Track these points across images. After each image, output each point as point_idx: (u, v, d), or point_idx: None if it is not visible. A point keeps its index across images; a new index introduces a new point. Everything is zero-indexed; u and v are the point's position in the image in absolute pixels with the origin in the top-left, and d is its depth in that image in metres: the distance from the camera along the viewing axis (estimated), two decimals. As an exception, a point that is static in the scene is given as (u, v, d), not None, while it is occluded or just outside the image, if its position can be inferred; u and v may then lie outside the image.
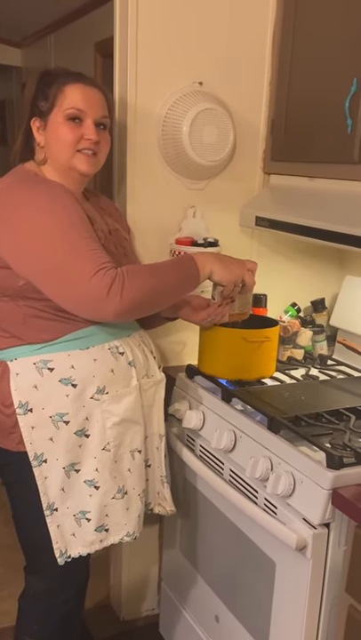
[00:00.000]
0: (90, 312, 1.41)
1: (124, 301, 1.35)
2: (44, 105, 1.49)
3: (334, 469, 1.33)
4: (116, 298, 1.34)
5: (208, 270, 1.51)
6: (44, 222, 1.39)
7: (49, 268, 1.38)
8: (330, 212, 1.66)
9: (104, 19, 3.06)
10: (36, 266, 1.40)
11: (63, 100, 1.48)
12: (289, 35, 1.82)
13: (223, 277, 1.53)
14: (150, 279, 1.42)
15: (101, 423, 1.52)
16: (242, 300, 1.64)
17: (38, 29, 4.04)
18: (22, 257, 1.41)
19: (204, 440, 1.72)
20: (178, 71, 1.83)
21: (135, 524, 1.60)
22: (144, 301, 1.41)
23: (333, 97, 1.64)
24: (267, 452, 1.50)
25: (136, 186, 1.87)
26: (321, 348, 2.06)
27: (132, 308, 1.38)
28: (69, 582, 1.67)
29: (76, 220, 1.41)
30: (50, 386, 1.48)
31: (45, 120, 1.49)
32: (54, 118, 1.49)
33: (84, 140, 1.49)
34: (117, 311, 1.36)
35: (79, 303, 1.39)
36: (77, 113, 1.48)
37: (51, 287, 1.40)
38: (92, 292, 1.34)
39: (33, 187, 1.46)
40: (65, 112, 1.47)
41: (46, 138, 1.50)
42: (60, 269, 1.37)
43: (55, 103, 1.48)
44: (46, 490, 1.51)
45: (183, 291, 1.53)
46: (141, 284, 1.39)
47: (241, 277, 1.56)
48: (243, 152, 1.96)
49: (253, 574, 1.57)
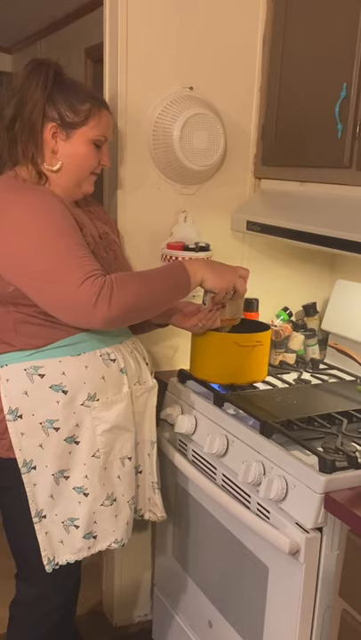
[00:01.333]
0: (78, 319, 1.40)
1: (112, 309, 1.35)
2: (70, 116, 1.48)
3: (327, 473, 1.34)
4: (104, 306, 1.34)
5: (199, 278, 1.51)
6: (32, 229, 1.38)
7: (37, 275, 1.38)
8: (321, 217, 1.67)
9: (94, 24, 3.07)
10: (24, 272, 1.39)
11: (97, 124, 1.51)
12: (279, 40, 1.83)
13: (215, 285, 1.52)
14: (140, 287, 1.42)
15: (91, 430, 1.51)
16: (233, 307, 1.64)
17: (29, 35, 4.04)
18: (11, 263, 1.40)
19: (197, 445, 1.72)
20: (168, 76, 1.84)
21: (123, 531, 1.60)
22: (133, 309, 1.40)
23: (324, 102, 1.65)
24: (259, 456, 1.50)
25: (127, 191, 1.87)
26: (313, 352, 2.06)
27: (121, 315, 1.38)
28: (60, 589, 1.66)
29: (65, 228, 1.41)
30: (40, 392, 1.47)
31: (68, 132, 1.49)
32: (81, 136, 1.50)
33: (99, 166, 1.56)
34: (105, 319, 1.36)
35: (67, 310, 1.38)
36: (104, 141, 1.54)
37: (39, 294, 1.40)
38: (80, 299, 1.34)
39: (22, 193, 1.45)
40: (95, 136, 1.52)
41: (64, 149, 1.50)
42: (49, 276, 1.36)
43: (87, 122, 1.49)
44: (35, 497, 1.50)
45: (173, 299, 1.52)
46: (130, 291, 1.38)
47: (233, 284, 1.55)
48: (234, 157, 1.97)
49: (246, 579, 1.56)
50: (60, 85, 1.49)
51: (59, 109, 1.48)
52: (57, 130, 1.49)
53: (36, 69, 1.48)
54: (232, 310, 1.65)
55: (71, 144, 1.50)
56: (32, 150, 1.49)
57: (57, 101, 1.48)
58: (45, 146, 1.50)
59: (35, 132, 1.48)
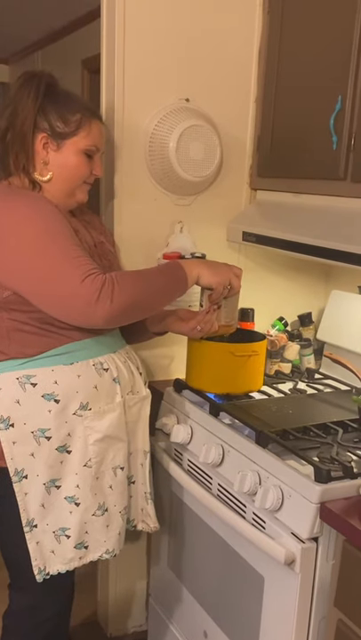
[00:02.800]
0: (80, 318, 1.40)
1: (114, 306, 1.35)
2: (60, 127, 1.49)
3: (322, 483, 1.34)
4: (106, 302, 1.35)
5: (195, 274, 1.52)
6: (29, 232, 1.39)
7: (37, 276, 1.38)
8: (316, 228, 1.68)
9: (91, 36, 3.09)
10: (23, 276, 1.40)
11: (87, 135, 1.51)
12: (275, 52, 1.85)
13: (211, 280, 1.54)
14: (140, 283, 1.43)
15: (83, 439, 1.51)
16: (228, 308, 1.65)
17: (26, 46, 4.06)
18: (9, 268, 1.41)
19: (192, 454, 1.72)
20: (165, 88, 1.85)
21: (115, 542, 1.59)
22: (134, 306, 1.41)
23: (319, 114, 1.66)
24: (255, 466, 1.50)
25: (123, 201, 1.88)
26: (308, 362, 2.07)
27: (122, 312, 1.39)
28: (53, 599, 1.65)
29: (60, 230, 1.42)
30: (32, 401, 1.47)
31: (58, 143, 1.50)
32: (71, 146, 1.51)
33: (91, 175, 1.56)
34: (107, 316, 1.36)
35: (69, 309, 1.39)
36: (95, 151, 1.55)
37: (39, 295, 1.40)
38: (82, 296, 1.35)
39: (15, 199, 1.46)
40: (86, 146, 1.52)
41: (55, 159, 1.51)
42: (49, 276, 1.37)
43: (77, 133, 1.50)
44: (26, 506, 1.49)
45: (172, 295, 1.53)
46: (131, 288, 1.40)
47: (228, 280, 1.57)
48: (229, 168, 1.98)
49: (242, 589, 1.56)
50: (51, 96, 1.50)
51: (49, 120, 1.49)
52: (48, 140, 1.50)
53: (29, 81, 1.50)
54: (228, 314, 1.65)
55: (62, 154, 1.51)
56: (23, 161, 1.50)
57: (48, 112, 1.49)
58: (37, 156, 1.51)
59: (26, 143, 1.49)
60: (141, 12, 1.78)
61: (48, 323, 1.45)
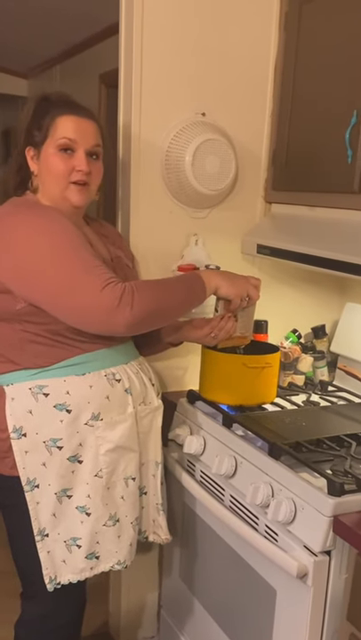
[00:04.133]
0: (101, 326, 1.41)
1: (134, 312, 1.37)
2: (37, 135, 1.52)
3: (335, 496, 1.34)
4: (126, 309, 1.36)
5: (214, 285, 1.54)
6: (45, 243, 1.40)
7: (56, 287, 1.39)
8: (330, 241, 1.69)
9: (109, 51, 3.13)
10: (41, 287, 1.40)
11: (55, 131, 1.50)
12: (291, 67, 1.87)
13: (229, 291, 1.56)
14: (159, 291, 1.45)
15: (95, 449, 1.51)
16: (244, 319, 1.66)
17: (44, 60, 4.12)
18: (27, 281, 1.42)
19: (205, 465, 1.73)
20: (181, 102, 1.88)
21: (126, 553, 1.59)
22: (153, 313, 1.43)
23: (334, 128, 1.67)
24: (267, 478, 1.50)
25: (139, 214, 1.90)
26: (322, 374, 2.07)
27: (143, 319, 1.40)
28: (65, 608, 1.65)
29: (76, 240, 1.43)
30: (44, 411, 1.48)
31: (39, 150, 1.52)
32: (47, 149, 1.51)
33: (75, 172, 1.50)
34: (128, 322, 1.37)
35: (90, 318, 1.39)
36: (69, 143, 1.49)
37: (58, 306, 1.41)
38: (104, 303, 1.36)
39: (30, 211, 1.48)
40: (56, 142, 1.50)
41: (39, 168, 1.53)
42: (68, 287, 1.38)
43: (48, 134, 1.51)
44: (37, 515, 1.50)
45: (190, 304, 1.55)
46: (151, 295, 1.41)
47: (246, 291, 1.59)
48: (244, 181, 2.00)
49: (253, 602, 1.55)
50: (38, 110, 1.52)
51: (31, 132, 1.52)
52: (33, 152, 1.53)
53: (27, 104, 1.55)
54: (243, 325, 1.66)
55: (43, 160, 1.52)
56: (24, 178, 1.55)
57: (31, 126, 1.52)
58: (31, 170, 1.55)
59: (24, 161, 1.54)
60: (159, 28, 1.80)
61: (60, 334, 1.47)
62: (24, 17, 3.16)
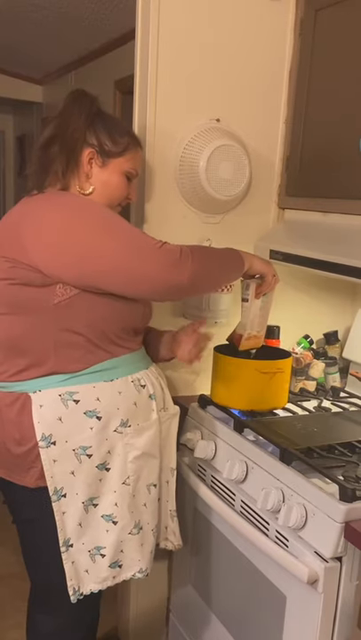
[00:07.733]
0: (167, 281, 1.39)
1: (195, 265, 1.39)
2: (109, 145, 1.52)
3: (347, 502, 1.33)
4: (187, 261, 1.39)
5: (249, 260, 1.59)
6: (90, 217, 1.40)
7: (114, 254, 1.37)
8: (343, 247, 1.69)
9: (124, 58, 3.16)
10: (98, 259, 1.37)
11: (132, 158, 1.56)
12: (305, 74, 1.87)
13: (263, 267, 1.62)
14: (208, 253, 1.51)
15: (123, 457, 1.50)
16: (263, 313, 1.69)
17: (60, 67, 4.15)
18: (81, 256, 1.38)
19: (216, 470, 1.72)
20: (196, 108, 1.89)
21: (148, 560, 1.58)
22: (205, 273, 1.46)
23: (347, 134, 1.68)
24: (279, 483, 1.49)
25: (153, 219, 1.91)
26: (333, 380, 2.06)
27: (201, 274, 1.42)
28: (81, 622, 1.63)
29: (116, 215, 1.47)
30: (75, 418, 1.45)
31: (104, 160, 1.53)
32: (116, 166, 1.54)
33: (126, 199, 1.61)
34: (191, 274, 1.39)
35: (156, 273, 1.38)
36: (135, 175, 1.59)
37: (121, 273, 1.38)
38: (167, 256, 1.38)
39: (68, 196, 1.49)
40: (129, 170, 1.56)
41: (98, 175, 1.53)
42: (127, 251, 1.37)
43: (124, 154, 1.54)
44: (64, 525, 1.46)
45: (233, 272, 1.58)
46: (204, 251, 1.48)
47: (274, 270, 1.65)
48: (258, 187, 2.00)
49: (264, 608, 1.55)
50: (100, 116, 1.54)
51: (98, 137, 1.52)
52: (94, 156, 1.52)
53: (81, 98, 1.54)
54: (259, 322, 1.70)
55: (106, 171, 1.53)
56: (68, 170, 1.50)
57: (97, 129, 1.52)
58: (80, 169, 1.52)
59: (75, 154, 1.50)
60: (174, 35, 1.82)
61: (95, 335, 1.45)
62: (40, 24, 3.19)
